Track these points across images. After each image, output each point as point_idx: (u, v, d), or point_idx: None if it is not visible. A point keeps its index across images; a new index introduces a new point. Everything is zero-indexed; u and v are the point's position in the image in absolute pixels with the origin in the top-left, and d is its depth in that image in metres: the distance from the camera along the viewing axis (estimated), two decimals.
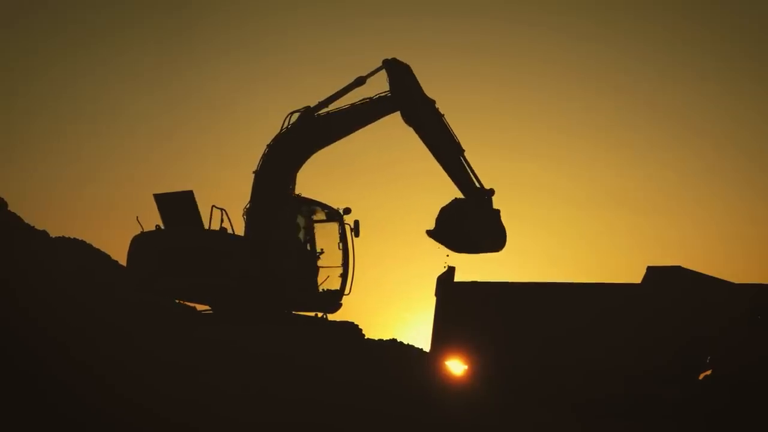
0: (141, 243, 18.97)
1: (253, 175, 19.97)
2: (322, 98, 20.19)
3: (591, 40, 54.03)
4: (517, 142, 52.10)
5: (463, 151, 20.26)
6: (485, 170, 20.62)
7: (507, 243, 20.00)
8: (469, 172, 20.22)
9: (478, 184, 20.18)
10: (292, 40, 53.66)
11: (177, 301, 20.18)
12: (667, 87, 55.03)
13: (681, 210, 52.31)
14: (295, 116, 20.02)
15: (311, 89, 50.11)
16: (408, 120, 20.18)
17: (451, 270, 18.81)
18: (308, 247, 20.04)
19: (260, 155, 19.98)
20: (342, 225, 20.25)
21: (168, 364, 14.06)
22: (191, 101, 53.31)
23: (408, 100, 20.08)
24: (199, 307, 20.22)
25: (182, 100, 53.81)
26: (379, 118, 20.30)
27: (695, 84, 55.49)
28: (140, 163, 51.52)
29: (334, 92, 20.12)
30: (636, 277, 17.66)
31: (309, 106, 20.09)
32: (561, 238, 46.96)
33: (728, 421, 15.94)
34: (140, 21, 52.94)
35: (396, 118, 20.30)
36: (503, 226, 20.12)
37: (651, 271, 17.35)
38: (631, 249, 45.52)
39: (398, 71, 20.12)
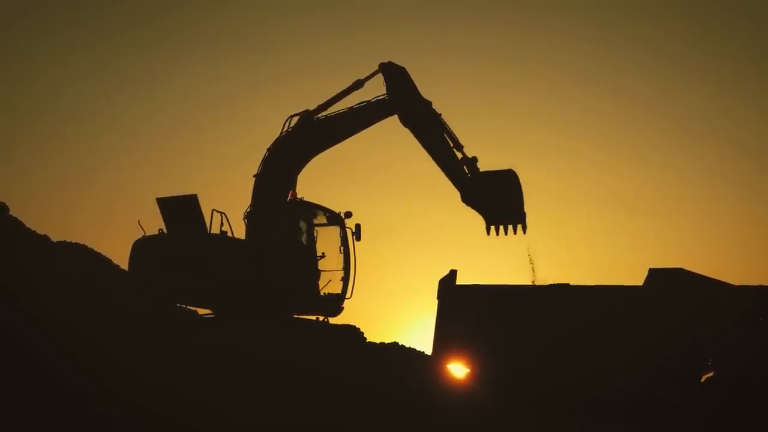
0: (143, 247, 19.02)
1: (253, 179, 20.07)
2: (321, 101, 20.34)
3: (590, 41, 54.18)
4: (516, 143, 52.10)
5: (462, 147, 20.14)
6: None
7: (508, 243, 19.92)
8: (466, 170, 20.01)
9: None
10: (292, 42, 53.80)
11: (178, 305, 20.21)
12: (667, 88, 55.13)
13: (682, 212, 52.34)
14: (295, 119, 20.20)
15: (311, 92, 50.33)
16: (405, 122, 20.23)
17: (452, 273, 18.80)
18: (309, 251, 20.07)
19: (260, 158, 20.11)
20: (343, 229, 20.31)
21: (169, 366, 14.06)
22: (192, 103, 53.44)
23: (404, 102, 20.12)
24: (200, 311, 20.24)
25: (183, 102, 53.95)
26: (377, 121, 20.42)
27: (695, 85, 55.60)
28: (141, 165, 51.63)
29: (333, 95, 20.28)
30: (638, 279, 17.69)
31: (308, 110, 20.25)
32: (562, 241, 46.93)
33: (729, 423, 15.93)
34: (141, 22, 53.06)
35: (396, 120, 20.39)
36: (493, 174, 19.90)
37: (653, 273, 17.36)
38: (632, 251, 45.53)
39: (394, 74, 20.21)
